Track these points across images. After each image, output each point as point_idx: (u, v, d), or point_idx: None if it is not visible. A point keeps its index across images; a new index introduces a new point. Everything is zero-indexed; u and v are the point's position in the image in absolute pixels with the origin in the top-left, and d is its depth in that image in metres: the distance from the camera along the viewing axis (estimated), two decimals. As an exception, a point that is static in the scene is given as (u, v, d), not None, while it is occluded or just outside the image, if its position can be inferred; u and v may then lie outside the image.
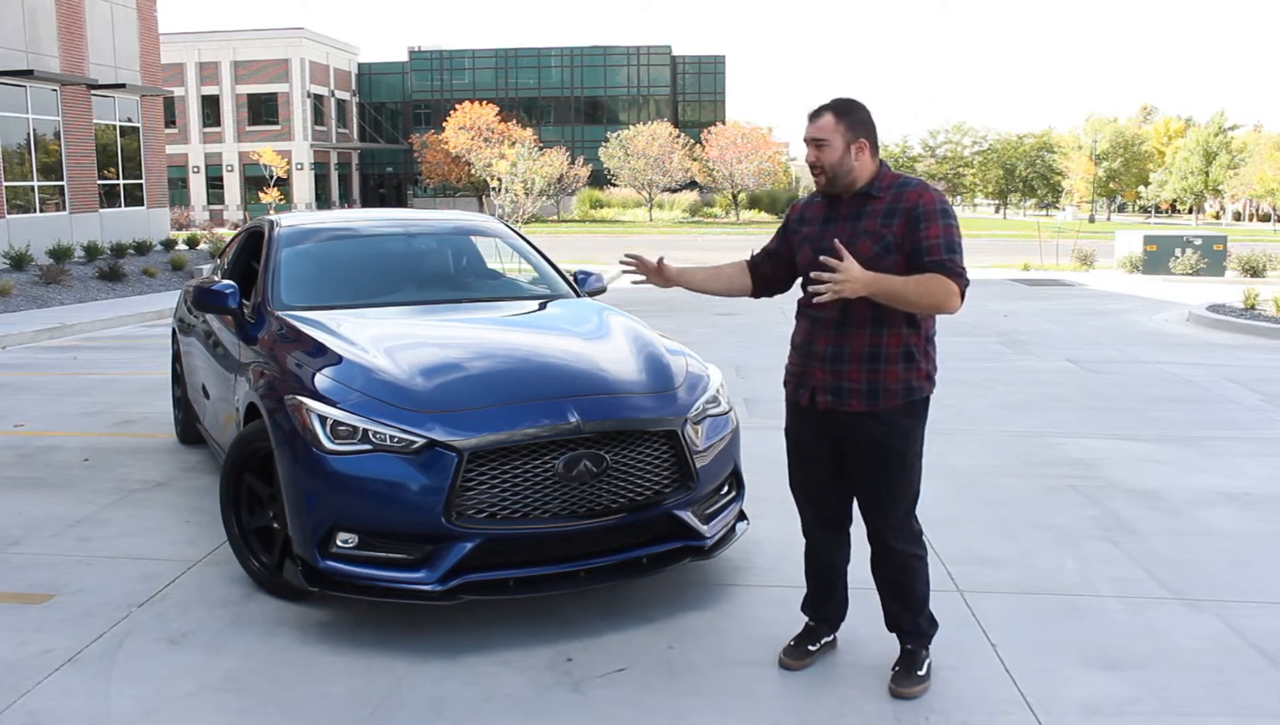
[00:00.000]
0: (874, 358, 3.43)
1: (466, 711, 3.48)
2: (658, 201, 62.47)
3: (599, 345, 4.76)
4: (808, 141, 3.46)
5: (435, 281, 5.98)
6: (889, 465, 3.50)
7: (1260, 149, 66.81)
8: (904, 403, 3.46)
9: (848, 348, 3.44)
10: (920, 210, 3.34)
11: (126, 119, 26.04)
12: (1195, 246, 22.69)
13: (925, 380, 3.50)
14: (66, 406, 8.52)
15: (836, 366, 3.46)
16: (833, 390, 3.47)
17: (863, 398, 3.44)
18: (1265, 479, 6.24)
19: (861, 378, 3.43)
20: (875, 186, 3.44)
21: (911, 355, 3.46)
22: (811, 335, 3.52)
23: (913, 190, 3.39)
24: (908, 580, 3.64)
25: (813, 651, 3.82)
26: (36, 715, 3.45)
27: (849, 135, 3.41)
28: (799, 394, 3.59)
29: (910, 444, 3.52)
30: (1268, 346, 12.03)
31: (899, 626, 3.70)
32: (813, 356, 3.51)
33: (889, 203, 3.41)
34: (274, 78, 62.94)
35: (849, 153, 3.41)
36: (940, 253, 3.30)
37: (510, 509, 3.91)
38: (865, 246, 3.37)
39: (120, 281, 18.43)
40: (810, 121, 3.45)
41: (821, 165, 3.43)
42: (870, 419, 3.45)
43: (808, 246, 3.55)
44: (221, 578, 4.64)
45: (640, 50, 72.31)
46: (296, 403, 4.11)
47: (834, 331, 3.45)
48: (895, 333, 3.42)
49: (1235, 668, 3.77)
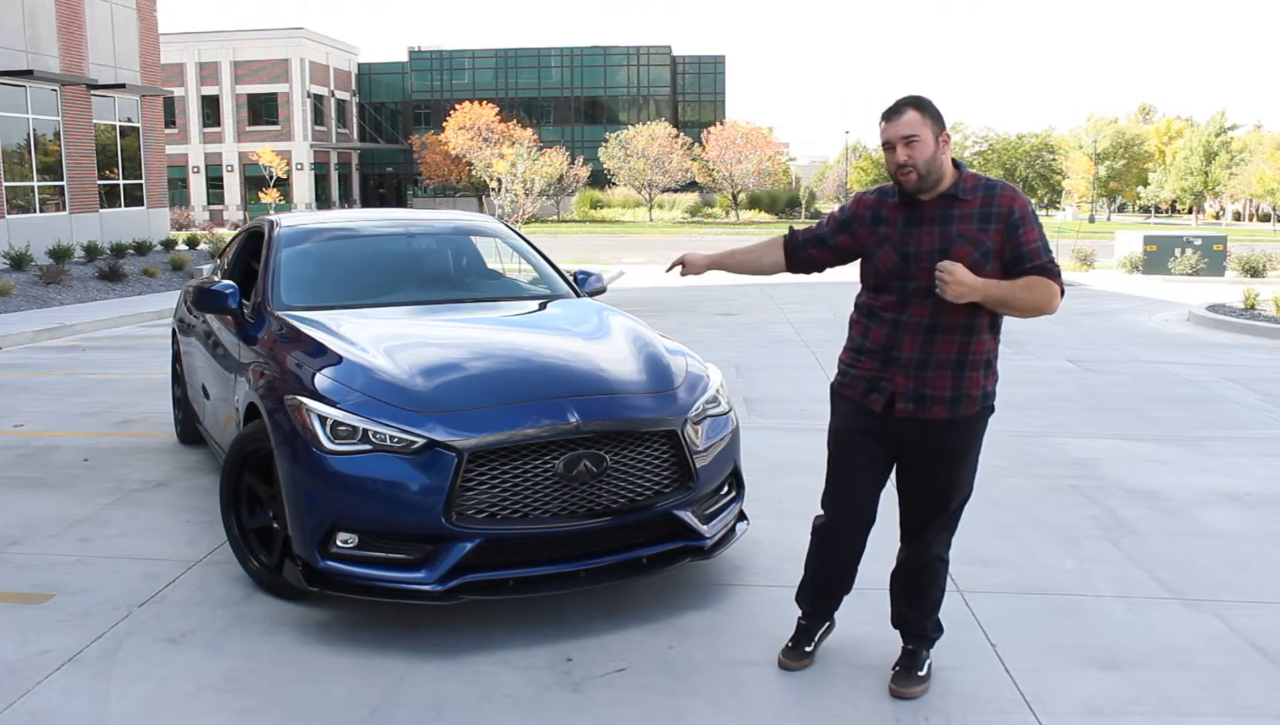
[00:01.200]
0: (960, 365, 3.37)
1: (466, 711, 3.48)
2: (658, 201, 62.45)
3: (599, 345, 4.76)
4: (894, 141, 3.28)
5: (435, 282, 5.98)
6: (957, 470, 3.49)
7: (1260, 149, 66.80)
8: (980, 409, 3.45)
9: (934, 355, 3.36)
10: (1017, 215, 3.28)
11: (126, 119, 26.03)
12: (1195, 246, 22.70)
13: (996, 383, 3.50)
14: (66, 406, 8.52)
15: (921, 373, 3.37)
16: (914, 397, 3.39)
17: (945, 405, 3.39)
18: (1265, 479, 6.24)
19: (946, 384, 3.37)
20: (960, 188, 3.32)
21: (991, 362, 3.44)
22: (893, 340, 3.40)
23: (1003, 194, 3.31)
24: (929, 583, 3.64)
25: (809, 652, 3.81)
26: (36, 715, 3.45)
27: (935, 127, 3.28)
28: (870, 399, 3.48)
29: (977, 447, 3.52)
30: (1268, 346, 12.03)
31: (906, 627, 3.69)
32: (894, 362, 3.41)
33: (980, 206, 3.30)
34: (274, 78, 62.93)
35: (939, 147, 3.28)
36: (1041, 257, 3.27)
37: (510, 509, 3.91)
38: (964, 252, 3.27)
39: (120, 282, 18.43)
40: (890, 120, 3.30)
41: (914, 163, 3.26)
42: (947, 426, 3.41)
43: (888, 247, 3.40)
44: (221, 578, 4.64)
45: (640, 50, 72.30)
46: (296, 403, 4.11)
47: (922, 337, 3.35)
48: (981, 340, 3.38)
49: (1235, 668, 3.77)
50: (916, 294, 3.35)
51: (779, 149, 67.51)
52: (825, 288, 17.79)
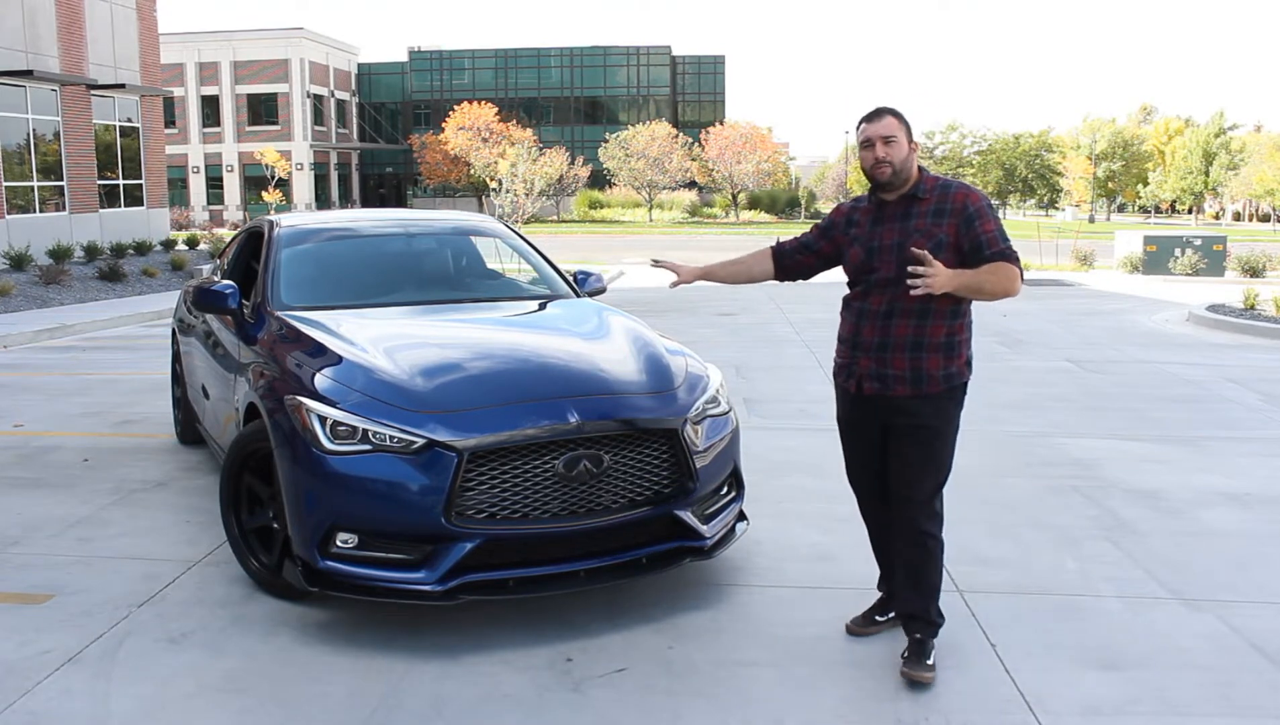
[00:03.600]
0: (917, 347, 3.65)
1: (466, 711, 3.48)
2: (657, 201, 62.44)
3: (599, 345, 4.76)
4: (873, 139, 3.65)
5: (435, 282, 5.98)
6: (926, 441, 3.69)
7: (1260, 149, 66.78)
8: (945, 388, 3.69)
9: (892, 337, 3.66)
10: (971, 210, 3.61)
11: (126, 119, 26.03)
12: (1195, 247, 22.69)
13: (965, 366, 3.75)
14: (66, 406, 8.52)
15: (881, 355, 3.69)
16: (878, 377, 3.70)
17: (906, 383, 3.67)
18: (1265, 479, 6.24)
19: (905, 366, 3.66)
20: (921, 188, 3.70)
21: (952, 344, 3.69)
22: (858, 327, 3.75)
23: (957, 191, 3.67)
24: (923, 561, 3.75)
25: (880, 622, 4.04)
26: (36, 715, 3.45)
27: (907, 134, 3.68)
28: (848, 383, 3.81)
29: (947, 425, 3.73)
30: (1268, 346, 12.03)
31: (910, 612, 3.78)
32: (859, 346, 3.74)
33: (935, 203, 3.66)
34: (274, 78, 62.93)
35: (911, 151, 3.68)
36: (999, 244, 3.58)
37: (510, 509, 3.91)
38: (919, 245, 3.59)
39: (120, 282, 18.43)
40: (871, 122, 3.68)
41: (891, 160, 3.64)
42: (913, 402, 3.68)
43: (858, 246, 3.78)
44: (221, 578, 4.64)
45: (640, 50, 72.30)
46: (296, 403, 4.11)
47: (880, 322, 3.68)
48: (938, 323, 3.65)
49: (1235, 668, 3.77)
50: (878, 284, 3.69)
51: (779, 149, 67.55)
52: (824, 288, 17.78)
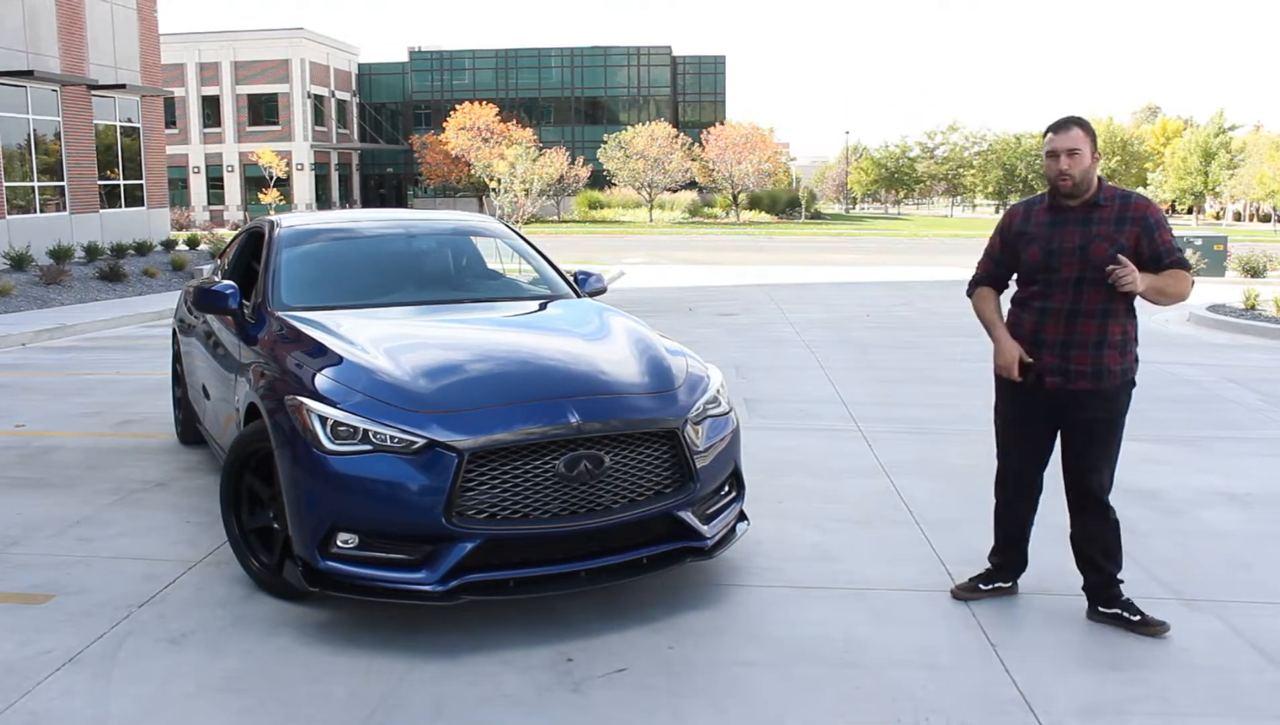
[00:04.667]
0: (1099, 344, 3.95)
1: (466, 711, 3.48)
2: (657, 202, 62.41)
3: (599, 346, 4.76)
4: (1058, 151, 3.90)
5: (435, 282, 5.98)
6: (1105, 433, 4.05)
7: (1259, 149, 66.72)
8: (1121, 382, 4.01)
9: (1077, 335, 3.96)
10: (1152, 220, 3.92)
11: (127, 119, 26.03)
12: (1195, 247, 22.72)
13: (1135, 362, 4.06)
14: (67, 407, 8.52)
15: (1065, 352, 3.97)
16: (1060, 372, 3.99)
17: (1088, 378, 3.97)
18: (1265, 479, 6.24)
19: (1088, 361, 3.97)
20: (1102, 196, 3.97)
21: (1127, 341, 4.01)
22: (1040, 324, 4.02)
23: (1138, 201, 3.96)
24: (1113, 538, 4.16)
25: (984, 590, 4.36)
26: (36, 715, 3.45)
27: (1092, 145, 3.93)
28: (1025, 376, 4.06)
29: (1122, 416, 4.07)
30: (1268, 346, 12.03)
31: (1104, 584, 4.16)
32: (1042, 343, 4.01)
33: (1117, 211, 3.94)
34: (274, 78, 62.91)
35: (1094, 162, 3.93)
36: (1175, 253, 3.91)
37: (510, 509, 3.91)
38: (1099, 249, 3.89)
39: (120, 282, 18.43)
40: (1058, 133, 3.93)
41: (1072, 173, 3.90)
42: (1093, 396, 3.98)
43: (1036, 246, 4.03)
44: (221, 578, 4.64)
45: (640, 50, 72.27)
46: (297, 403, 4.11)
47: (1064, 321, 3.97)
48: (1117, 322, 3.96)
49: (1235, 668, 3.77)
50: (1059, 284, 3.97)
51: (779, 149, 67.49)
52: (824, 289, 17.80)
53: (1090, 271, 3.90)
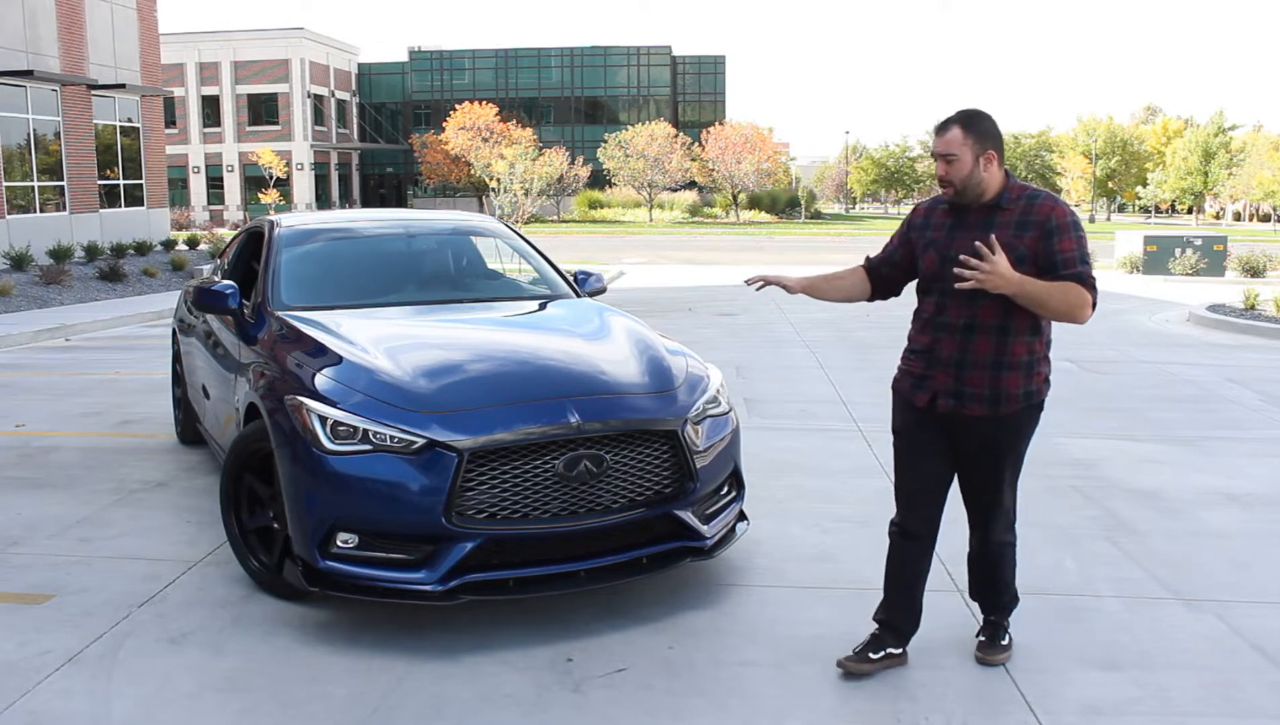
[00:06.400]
0: (997, 366, 3.49)
1: (466, 711, 3.48)
2: (657, 202, 62.42)
3: (599, 346, 4.76)
4: (936, 156, 3.50)
5: (435, 282, 5.98)
6: (1004, 463, 3.63)
7: (1258, 150, 66.71)
8: (1023, 407, 3.55)
9: (971, 355, 3.50)
10: (1054, 224, 3.41)
11: (126, 119, 26.03)
12: (1195, 247, 22.68)
13: (1043, 384, 3.61)
14: (67, 407, 8.52)
15: (959, 372, 3.52)
16: (954, 394, 3.54)
17: (984, 403, 3.52)
18: (1265, 479, 6.24)
19: (984, 383, 3.50)
20: (1004, 198, 3.49)
21: (1032, 363, 3.54)
22: (935, 341, 3.57)
23: (1043, 203, 3.46)
24: (1003, 567, 3.81)
25: (873, 660, 3.70)
26: (36, 715, 3.45)
27: (977, 147, 3.44)
28: (916, 395, 3.64)
29: (1024, 442, 3.65)
30: (1268, 346, 12.03)
31: (985, 601, 3.88)
32: (936, 361, 3.57)
33: (1019, 215, 3.46)
34: (274, 78, 62.90)
35: (978, 165, 3.45)
36: (1075, 265, 3.38)
37: (510, 509, 3.91)
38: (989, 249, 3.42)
39: (120, 282, 18.43)
40: (938, 136, 3.49)
41: (951, 180, 3.47)
42: (989, 423, 3.54)
43: (933, 252, 3.59)
44: (221, 578, 4.64)
45: (640, 50, 72.27)
46: (297, 403, 4.11)
47: (960, 337, 3.51)
48: (1020, 341, 3.49)
49: (1235, 668, 3.77)
50: (954, 296, 3.49)
51: (779, 149, 67.50)
52: (825, 288, 17.75)
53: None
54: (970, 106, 3.53)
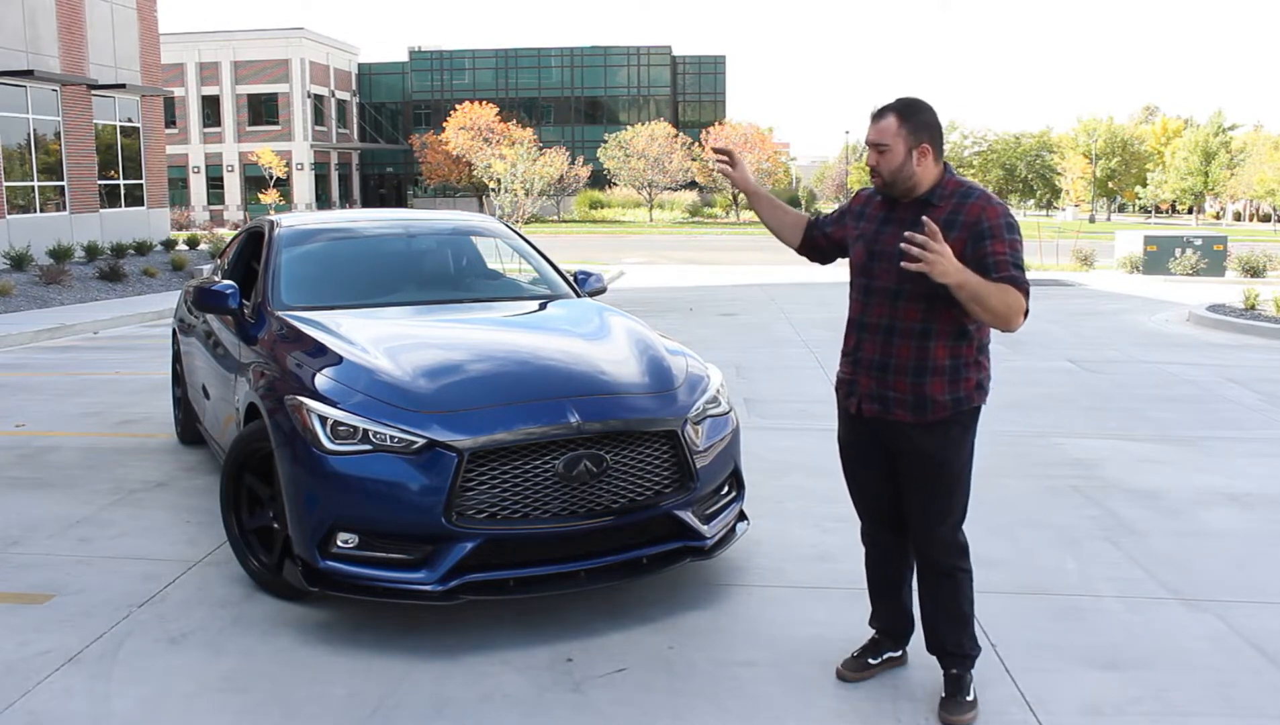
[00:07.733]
0: (920, 370, 3.31)
1: (466, 711, 3.48)
2: (658, 202, 62.43)
3: (599, 346, 4.76)
4: (868, 145, 3.31)
5: (435, 282, 5.98)
6: (936, 474, 3.38)
7: (1258, 149, 66.72)
8: (952, 414, 3.34)
9: (893, 358, 3.34)
10: (985, 226, 3.19)
11: (127, 119, 26.03)
12: (1195, 247, 22.68)
13: (975, 390, 3.37)
14: (67, 406, 8.52)
15: (882, 376, 3.36)
16: (878, 398, 3.38)
17: (908, 408, 3.34)
18: (1265, 479, 6.24)
19: (906, 389, 3.33)
20: (936, 194, 3.29)
21: (959, 368, 3.33)
22: (859, 342, 3.43)
23: (975, 202, 3.24)
24: (951, 594, 3.47)
25: (873, 665, 3.68)
26: (36, 715, 3.45)
27: (911, 139, 3.24)
28: (848, 401, 3.49)
29: (959, 452, 3.39)
30: (1268, 346, 12.03)
31: (941, 648, 3.51)
32: (859, 364, 3.42)
33: (949, 213, 3.24)
34: (274, 78, 62.91)
35: (910, 158, 3.25)
36: (1008, 268, 3.16)
37: (510, 509, 3.91)
38: None
39: (120, 282, 18.43)
40: (872, 123, 3.29)
41: (880, 170, 3.30)
42: (916, 429, 3.35)
43: (862, 244, 3.43)
44: (221, 578, 4.64)
45: (640, 50, 72.28)
46: (297, 403, 4.11)
47: (881, 339, 3.35)
48: (942, 345, 3.30)
49: (1235, 668, 3.77)
50: (877, 294, 3.36)
51: (779, 149, 67.50)
52: (825, 288, 17.80)
53: (909, 283, 3.22)
54: (912, 96, 3.32)
